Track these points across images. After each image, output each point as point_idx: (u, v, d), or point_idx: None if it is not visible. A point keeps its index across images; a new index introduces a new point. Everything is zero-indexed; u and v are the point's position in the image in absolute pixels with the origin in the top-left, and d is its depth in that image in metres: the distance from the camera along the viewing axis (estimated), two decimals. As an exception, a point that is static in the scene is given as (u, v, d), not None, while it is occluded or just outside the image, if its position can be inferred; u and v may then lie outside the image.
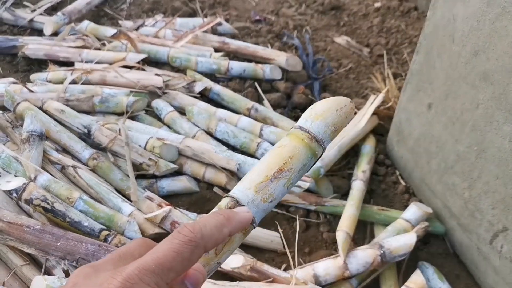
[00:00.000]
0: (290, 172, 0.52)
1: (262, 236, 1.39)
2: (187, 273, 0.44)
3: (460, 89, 1.24)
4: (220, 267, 1.21)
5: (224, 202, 0.51)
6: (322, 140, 0.54)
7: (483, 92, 1.15)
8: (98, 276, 0.39)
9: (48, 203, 1.20)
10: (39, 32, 2.30)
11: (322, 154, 0.54)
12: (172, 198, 1.52)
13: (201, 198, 1.52)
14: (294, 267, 1.25)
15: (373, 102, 1.76)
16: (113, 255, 0.43)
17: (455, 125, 1.29)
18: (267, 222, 1.46)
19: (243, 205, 0.50)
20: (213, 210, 0.52)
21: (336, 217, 1.46)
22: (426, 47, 1.40)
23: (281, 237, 1.34)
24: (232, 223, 0.46)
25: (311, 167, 0.54)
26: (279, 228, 1.36)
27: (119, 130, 1.53)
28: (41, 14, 2.39)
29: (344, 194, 1.54)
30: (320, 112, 0.54)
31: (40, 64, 2.11)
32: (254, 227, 0.51)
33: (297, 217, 1.37)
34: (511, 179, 1.11)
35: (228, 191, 1.45)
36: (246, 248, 1.36)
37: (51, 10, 2.49)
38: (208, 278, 1.16)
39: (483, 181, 1.20)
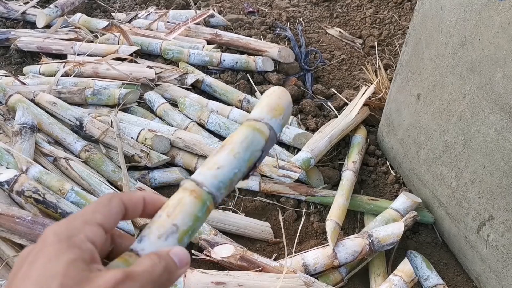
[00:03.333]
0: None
1: (253, 226, 1.40)
2: (172, 249, 0.47)
3: (447, 80, 1.25)
4: (211, 257, 1.22)
5: (188, 184, 0.52)
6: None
7: (470, 82, 1.16)
8: (45, 249, 0.42)
9: (39, 195, 1.21)
10: (32, 25, 2.30)
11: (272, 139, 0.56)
12: (164, 189, 1.53)
13: (193, 189, 1.53)
14: (284, 256, 1.27)
15: (364, 93, 1.77)
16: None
17: (442, 115, 1.30)
18: (258, 212, 1.47)
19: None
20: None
21: (327, 207, 1.48)
22: (415, 38, 1.40)
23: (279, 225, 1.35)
24: (150, 193, 0.52)
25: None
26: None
27: (111, 122, 1.54)
28: (33, 6, 2.39)
29: (334, 185, 1.55)
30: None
31: (33, 56, 2.12)
32: (216, 203, 0.52)
33: (280, 214, 1.38)
34: (496, 168, 1.12)
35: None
36: (237, 238, 1.38)
37: (44, 3, 2.49)
38: (199, 268, 1.17)
39: (470, 170, 1.22)
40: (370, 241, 1.26)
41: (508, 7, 1.01)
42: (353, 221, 1.49)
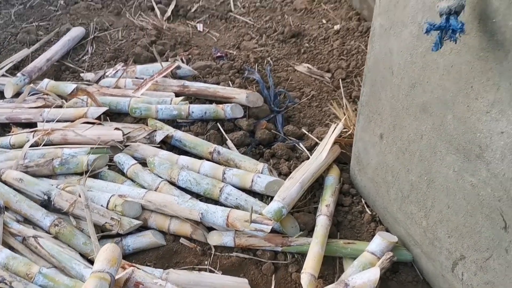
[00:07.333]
0: None
1: (231, 284, 1.38)
2: None
3: (404, 121, 1.26)
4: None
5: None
6: None
7: (425, 123, 1.17)
8: None
9: (6, 283, 1.19)
10: (1, 95, 2.30)
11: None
12: (139, 254, 1.51)
13: (169, 251, 1.51)
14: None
15: (333, 132, 1.77)
16: None
17: (405, 155, 1.30)
18: (235, 268, 1.45)
19: None
20: None
21: (304, 255, 1.45)
22: (370, 79, 1.41)
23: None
24: None
25: None
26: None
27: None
28: (3, 75, 2.40)
29: (311, 230, 1.54)
30: None
31: (4, 127, 2.12)
32: None
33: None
34: (460, 208, 1.11)
35: (195, 241, 1.46)
36: (215, 299, 1.36)
37: (13, 70, 2.49)
38: None
39: (437, 210, 1.21)
40: (347, 291, 1.24)
41: (449, 50, 1.02)
42: (332, 267, 1.47)
